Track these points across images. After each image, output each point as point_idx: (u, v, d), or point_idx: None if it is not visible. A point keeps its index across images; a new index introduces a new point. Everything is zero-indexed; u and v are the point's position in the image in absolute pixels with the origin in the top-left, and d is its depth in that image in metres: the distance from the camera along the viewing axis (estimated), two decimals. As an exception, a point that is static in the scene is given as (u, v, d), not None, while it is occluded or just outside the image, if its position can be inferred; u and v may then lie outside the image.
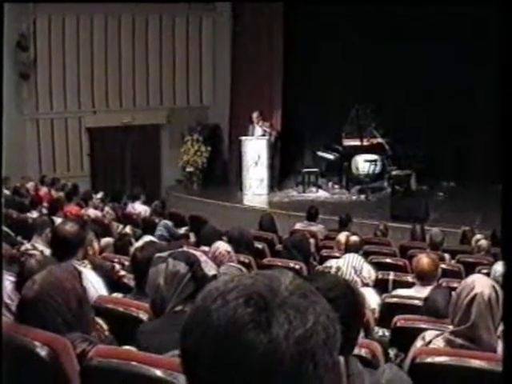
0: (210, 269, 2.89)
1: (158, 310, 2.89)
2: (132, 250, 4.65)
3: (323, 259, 7.09)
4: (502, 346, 2.29)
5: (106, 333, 2.81)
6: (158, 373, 2.11)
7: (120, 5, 15.03)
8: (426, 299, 3.95)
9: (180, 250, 3.25)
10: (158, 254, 3.04)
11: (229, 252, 5.24)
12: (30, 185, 11.48)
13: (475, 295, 2.76)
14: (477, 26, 12.88)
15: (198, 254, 3.01)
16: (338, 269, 5.27)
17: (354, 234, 7.67)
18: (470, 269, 6.06)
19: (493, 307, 2.76)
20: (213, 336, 0.95)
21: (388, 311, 4.45)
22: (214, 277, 2.79)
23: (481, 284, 2.80)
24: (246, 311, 0.95)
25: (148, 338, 2.70)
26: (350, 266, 5.19)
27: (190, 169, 15.93)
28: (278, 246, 7.85)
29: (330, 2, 13.49)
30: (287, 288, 0.99)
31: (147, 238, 6.78)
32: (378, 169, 14.03)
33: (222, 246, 5.31)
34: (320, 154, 15.09)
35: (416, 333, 3.22)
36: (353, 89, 14.52)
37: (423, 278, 4.78)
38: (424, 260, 4.83)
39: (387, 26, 13.64)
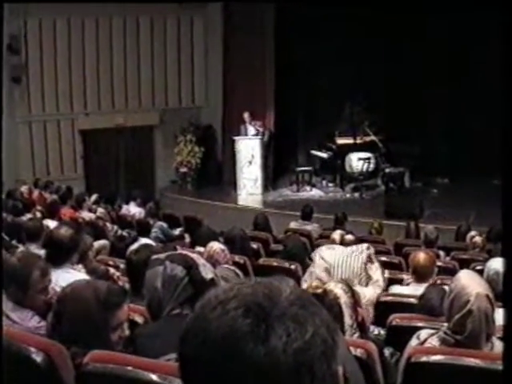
0: (207, 272, 2.86)
1: (155, 313, 2.88)
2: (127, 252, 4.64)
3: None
4: (503, 347, 2.28)
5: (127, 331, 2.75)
6: (154, 377, 2.11)
7: (111, 6, 14.91)
8: (420, 297, 3.95)
9: (177, 252, 3.22)
10: (155, 256, 3.02)
11: (223, 250, 5.28)
12: (24, 188, 11.43)
13: (471, 310, 2.75)
14: (471, 23, 12.91)
15: (195, 256, 2.99)
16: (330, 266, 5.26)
17: (348, 232, 7.68)
18: (465, 266, 6.06)
19: (489, 321, 2.76)
20: (211, 346, 0.95)
21: (383, 309, 4.45)
22: (212, 280, 2.78)
23: (477, 296, 2.76)
24: (244, 322, 0.95)
25: (144, 341, 2.68)
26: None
27: (183, 169, 15.92)
28: (273, 246, 7.85)
29: (321, 2, 13.48)
30: (287, 298, 0.99)
31: (143, 240, 6.77)
32: (371, 166, 14.05)
33: (216, 245, 5.34)
34: (313, 152, 15.11)
35: (411, 331, 3.22)
36: (345, 87, 14.56)
37: (420, 274, 4.79)
38: (421, 256, 4.85)
39: (380, 23, 13.62)
